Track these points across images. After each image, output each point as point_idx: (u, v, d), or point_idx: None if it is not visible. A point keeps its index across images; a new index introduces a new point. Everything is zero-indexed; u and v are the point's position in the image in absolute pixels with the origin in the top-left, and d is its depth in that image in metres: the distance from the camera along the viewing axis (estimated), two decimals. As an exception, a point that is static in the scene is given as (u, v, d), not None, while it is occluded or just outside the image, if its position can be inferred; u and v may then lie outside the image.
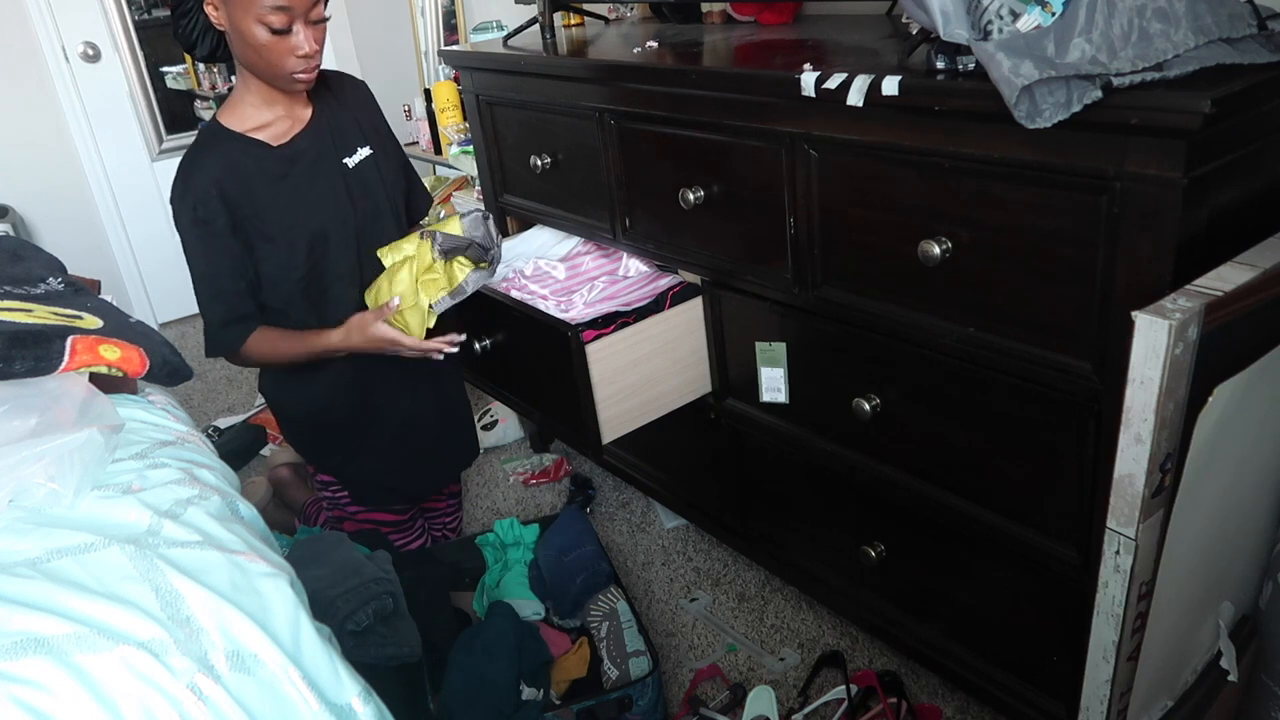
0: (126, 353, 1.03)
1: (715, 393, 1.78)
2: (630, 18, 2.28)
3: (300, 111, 1.65)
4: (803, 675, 1.73)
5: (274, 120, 1.62)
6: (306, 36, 1.49)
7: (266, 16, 1.45)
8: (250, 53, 1.51)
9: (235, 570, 0.86)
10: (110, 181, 3.54)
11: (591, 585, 1.84)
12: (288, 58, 1.50)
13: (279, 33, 1.47)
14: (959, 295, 1.25)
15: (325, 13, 1.52)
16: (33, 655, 0.71)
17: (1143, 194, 1.01)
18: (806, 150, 1.37)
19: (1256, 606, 1.24)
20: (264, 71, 1.55)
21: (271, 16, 1.45)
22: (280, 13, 1.45)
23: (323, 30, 1.53)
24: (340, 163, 1.67)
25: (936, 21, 1.10)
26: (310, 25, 1.50)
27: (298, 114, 1.65)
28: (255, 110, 1.61)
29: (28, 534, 0.83)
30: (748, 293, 1.60)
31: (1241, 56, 1.03)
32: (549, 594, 1.87)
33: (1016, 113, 1.01)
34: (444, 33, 3.29)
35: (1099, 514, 1.08)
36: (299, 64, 1.52)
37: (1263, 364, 1.02)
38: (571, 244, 2.04)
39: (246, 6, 1.45)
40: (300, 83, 1.55)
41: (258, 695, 0.79)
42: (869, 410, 1.43)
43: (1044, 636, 1.36)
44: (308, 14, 1.48)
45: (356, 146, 1.69)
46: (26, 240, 1.47)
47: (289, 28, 1.47)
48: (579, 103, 1.78)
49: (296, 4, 1.46)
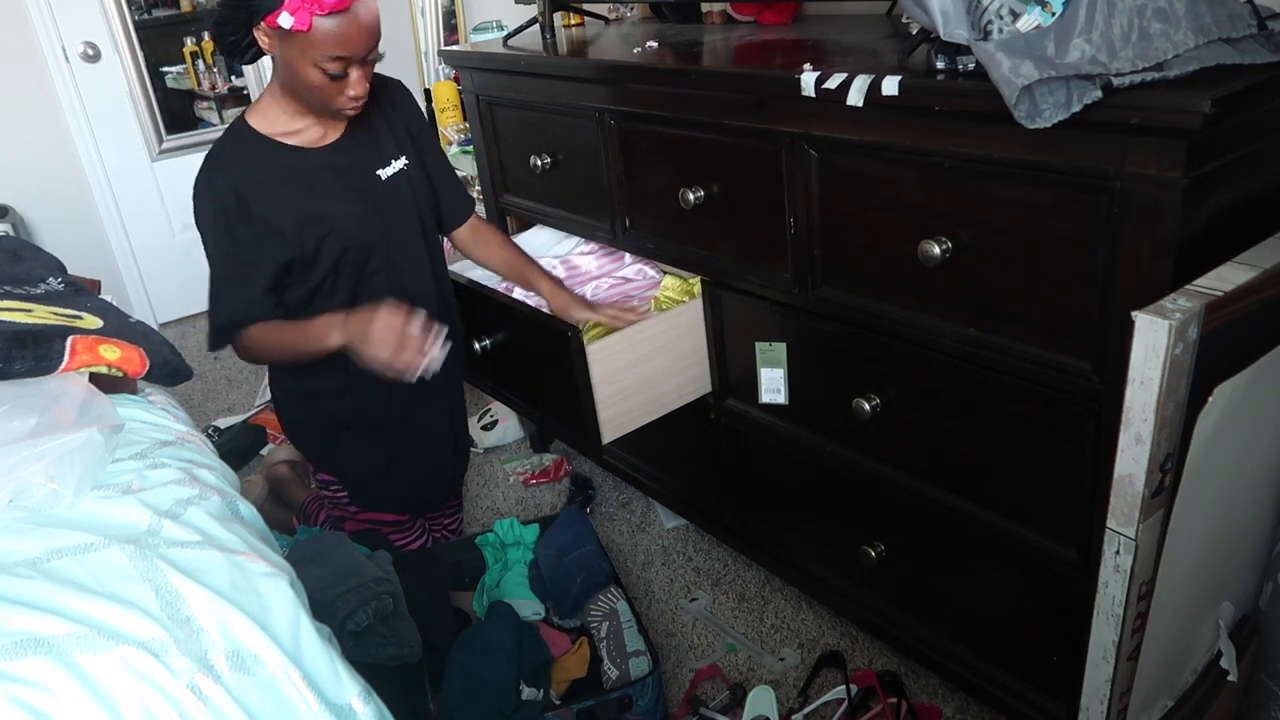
0: (126, 353, 1.03)
1: (715, 393, 1.78)
2: (630, 18, 2.28)
3: (334, 124, 1.63)
4: (803, 675, 1.73)
5: (306, 127, 1.60)
6: (359, 78, 1.48)
7: (324, 64, 1.43)
8: (302, 90, 1.50)
9: (235, 570, 0.86)
10: (110, 181, 3.54)
11: (591, 585, 1.84)
12: (338, 98, 1.49)
13: (335, 78, 1.46)
14: (959, 295, 1.25)
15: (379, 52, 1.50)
16: (33, 655, 0.71)
17: (1143, 194, 1.01)
18: (806, 150, 1.37)
19: (1256, 606, 1.24)
20: (310, 104, 1.53)
21: (329, 65, 1.44)
22: (338, 61, 1.44)
23: (372, 72, 1.51)
24: (373, 174, 1.64)
25: (936, 21, 1.10)
26: (365, 66, 1.49)
27: (332, 122, 1.63)
28: (286, 116, 1.59)
29: (28, 534, 0.83)
30: (748, 293, 1.60)
31: (1241, 56, 1.03)
32: (549, 594, 1.87)
33: (1016, 113, 1.01)
34: (444, 33, 3.29)
35: (1099, 514, 1.08)
36: (348, 103, 1.51)
37: (1263, 364, 1.02)
38: (571, 244, 2.04)
39: (304, 50, 1.43)
40: (346, 117, 1.55)
41: (258, 695, 0.79)
42: (869, 410, 1.43)
43: (1044, 636, 1.36)
44: (364, 60, 1.47)
45: (391, 158, 1.67)
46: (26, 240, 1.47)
47: (345, 73, 1.46)
48: (579, 103, 1.78)
49: (355, 52, 1.44)
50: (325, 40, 1.41)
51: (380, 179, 1.65)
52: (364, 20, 1.43)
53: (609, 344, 1.61)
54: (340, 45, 1.42)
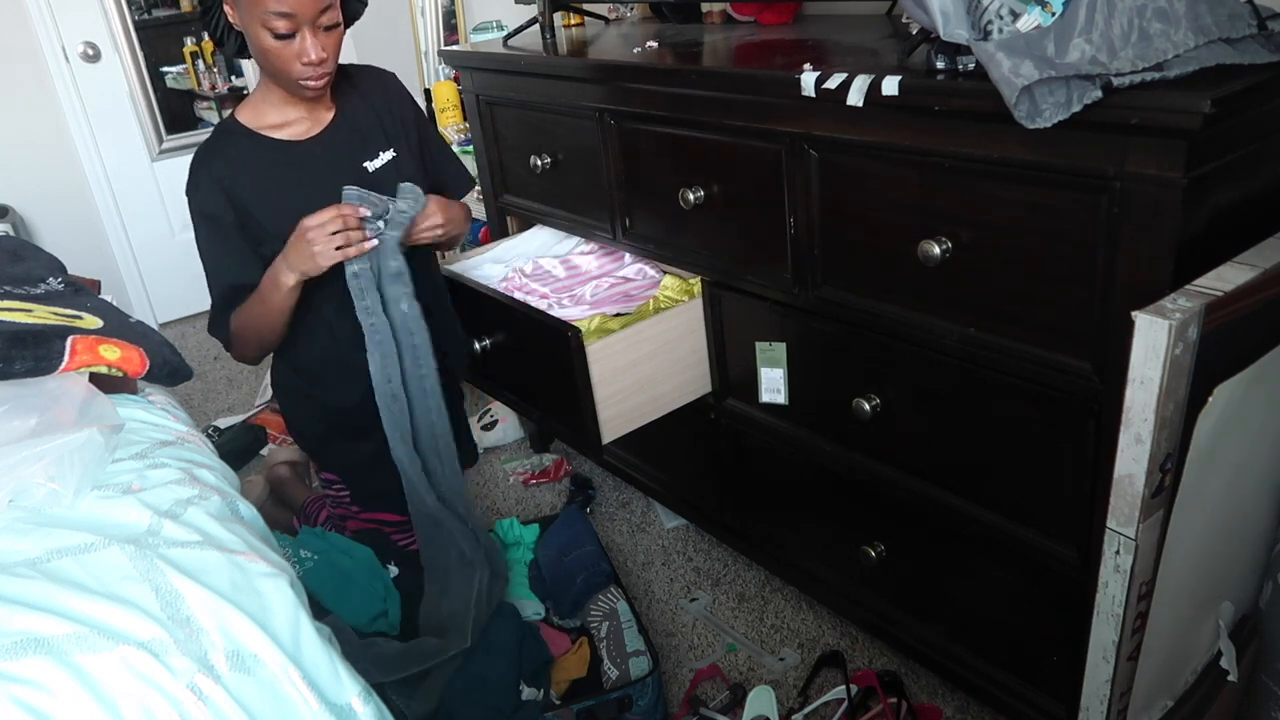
0: (126, 353, 1.03)
1: (715, 393, 1.78)
2: (630, 18, 2.28)
3: (322, 113, 1.63)
4: (803, 675, 1.73)
5: (294, 120, 1.61)
6: (313, 43, 1.46)
7: (271, 22, 1.43)
8: (260, 58, 1.51)
9: (235, 570, 0.86)
10: (110, 181, 3.54)
11: (591, 585, 1.84)
12: (293, 63, 1.48)
13: (283, 38, 1.45)
14: (959, 295, 1.25)
15: (336, 19, 1.48)
16: (33, 655, 0.71)
17: (1143, 194, 1.01)
18: (806, 150, 1.37)
19: (1256, 606, 1.24)
20: (274, 75, 1.54)
21: (276, 22, 1.43)
22: (283, 18, 1.43)
23: (335, 37, 1.50)
24: (360, 166, 1.64)
25: (936, 21, 1.10)
26: (319, 32, 1.47)
27: (319, 115, 1.63)
28: (274, 109, 1.60)
29: (28, 534, 0.83)
30: (748, 292, 1.60)
31: (1241, 56, 1.03)
32: (549, 594, 1.87)
33: (1016, 113, 1.01)
34: (444, 33, 3.29)
35: (1099, 514, 1.08)
36: (305, 70, 1.49)
37: (1263, 364, 1.02)
38: (572, 244, 2.04)
39: (251, 10, 1.44)
40: (309, 90, 1.53)
41: (258, 695, 0.79)
42: (869, 410, 1.43)
43: (1044, 636, 1.36)
44: (315, 20, 1.45)
45: (379, 150, 1.66)
46: (26, 240, 1.47)
47: (293, 34, 1.45)
48: (579, 103, 1.78)
49: (301, 11, 1.43)
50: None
51: (367, 171, 1.64)
52: None
53: (609, 344, 1.61)
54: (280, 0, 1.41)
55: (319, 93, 1.55)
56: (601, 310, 1.75)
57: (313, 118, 1.62)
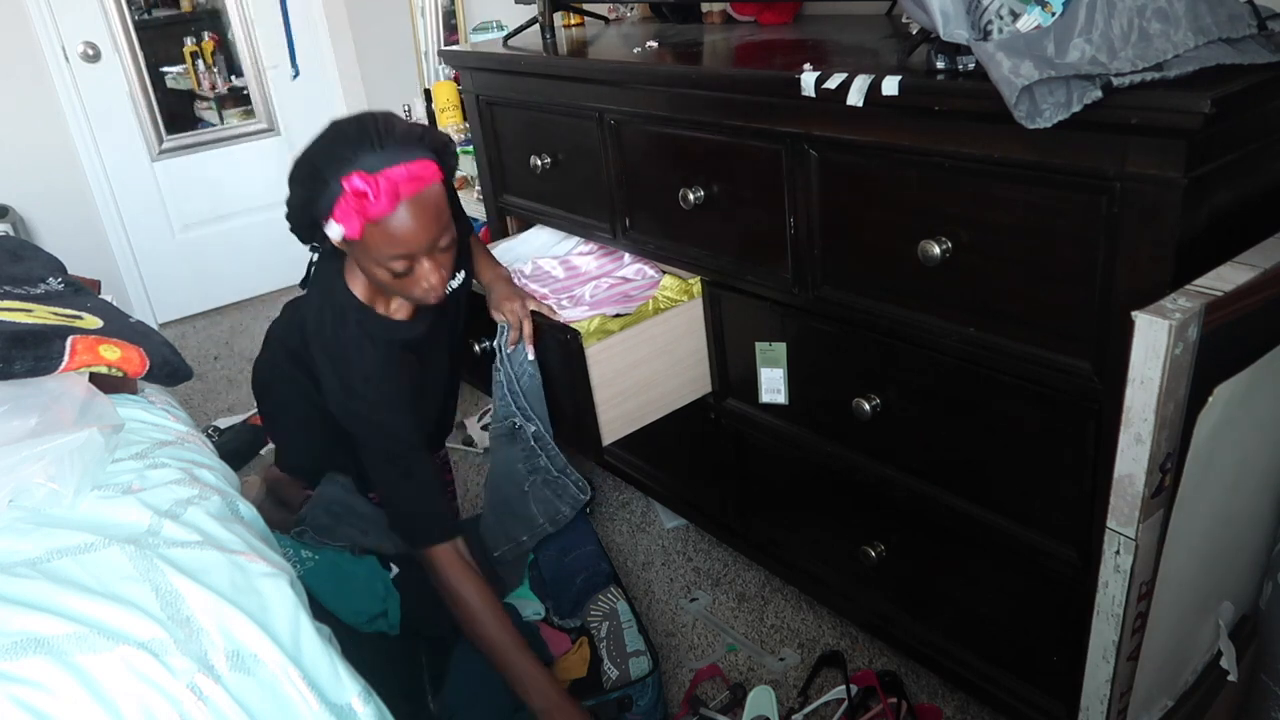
0: (126, 353, 1.03)
1: (715, 393, 1.78)
2: (630, 18, 2.28)
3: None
4: (803, 675, 1.73)
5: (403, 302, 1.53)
6: (431, 268, 1.39)
7: (389, 265, 1.36)
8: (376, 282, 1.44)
9: (235, 570, 0.86)
10: (110, 181, 3.54)
11: (591, 585, 1.84)
12: (414, 290, 1.41)
13: (403, 275, 1.39)
14: (959, 295, 1.25)
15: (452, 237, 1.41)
16: (33, 655, 0.71)
17: (1143, 194, 1.01)
18: (806, 150, 1.37)
19: (1256, 606, 1.24)
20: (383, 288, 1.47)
21: (395, 264, 1.36)
22: (402, 259, 1.36)
23: (450, 256, 1.42)
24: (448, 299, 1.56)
25: (936, 21, 1.10)
26: (437, 253, 1.39)
27: None
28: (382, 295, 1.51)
29: (28, 534, 0.83)
30: (748, 293, 1.60)
31: (1241, 56, 1.03)
32: (549, 594, 1.87)
33: (1016, 113, 1.01)
34: (444, 33, 3.29)
35: (1099, 514, 1.08)
36: (427, 294, 1.41)
37: (1263, 364, 1.02)
38: (571, 244, 2.04)
39: (367, 253, 1.36)
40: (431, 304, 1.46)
41: (258, 695, 0.79)
42: (869, 410, 1.43)
43: (1044, 636, 1.36)
44: (431, 250, 1.38)
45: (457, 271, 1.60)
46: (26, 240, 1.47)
47: (411, 269, 1.38)
48: (579, 103, 1.78)
49: (417, 247, 1.35)
50: (382, 243, 1.33)
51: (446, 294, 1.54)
52: (419, 215, 1.33)
53: (609, 346, 1.61)
54: (399, 245, 1.34)
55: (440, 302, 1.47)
56: (601, 311, 1.75)
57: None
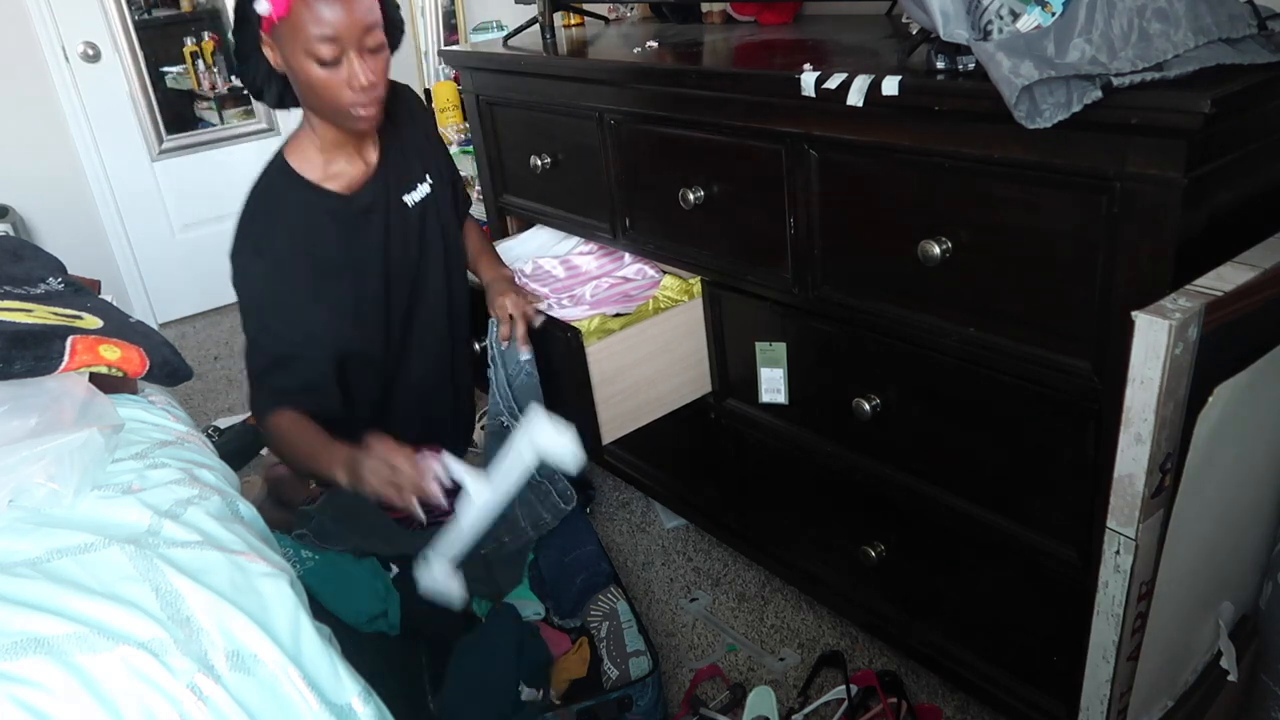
0: (126, 353, 1.03)
1: (715, 393, 1.78)
2: (630, 18, 2.28)
3: (369, 154, 1.57)
4: (803, 675, 1.73)
5: (344, 167, 1.54)
6: (361, 67, 1.39)
7: (315, 48, 1.36)
8: (309, 93, 1.43)
9: (235, 570, 0.86)
10: (110, 181, 3.54)
11: (591, 585, 1.84)
12: (343, 91, 1.40)
13: (330, 65, 1.38)
14: (959, 295, 1.25)
15: (381, 40, 1.41)
16: (33, 655, 0.71)
17: (1143, 194, 1.01)
18: (806, 150, 1.37)
19: (1256, 606, 1.24)
20: (325, 111, 1.46)
21: (321, 48, 1.36)
22: (328, 43, 1.36)
23: (381, 61, 1.42)
24: (401, 201, 1.59)
25: (936, 21, 1.10)
26: (366, 55, 1.39)
27: (367, 157, 1.57)
28: (324, 156, 1.52)
29: (28, 534, 0.83)
30: (748, 293, 1.60)
31: (1241, 56, 1.03)
32: (549, 594, 1.87)
33: (1016, 113, 1.01)
34: (444, 33, 3.29)
35: (1099, 514, 1.08)
36: (355, 97, 1.41)
37: (1263, 364, 1.02)
38: (572, 244, 2.04)
39: (294, 39, 1.37)
40: (361, 119, 1.44)
41: (258, 695, 0.79)
42: (869, 410, 1.43)
43: (1044, 636, 1.36)
44: (360, 42, 1.38)
45: (417, 182, 1.61)
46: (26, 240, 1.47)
47: (339, 59, 1.38)
48: (579, 103, 1.78)
49: (345, 32, 1.36)
50: (309, 21, 1.34)
51: (407, 206, 1.60)
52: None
53: (609, 345, 1.61)
54: (325, 24, 1.34)
55: (371, 123, 1.47)
56: (601, 310, 1.75)
57: (363, 159, 1.56)
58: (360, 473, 1.35)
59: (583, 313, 1.74)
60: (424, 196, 1.63)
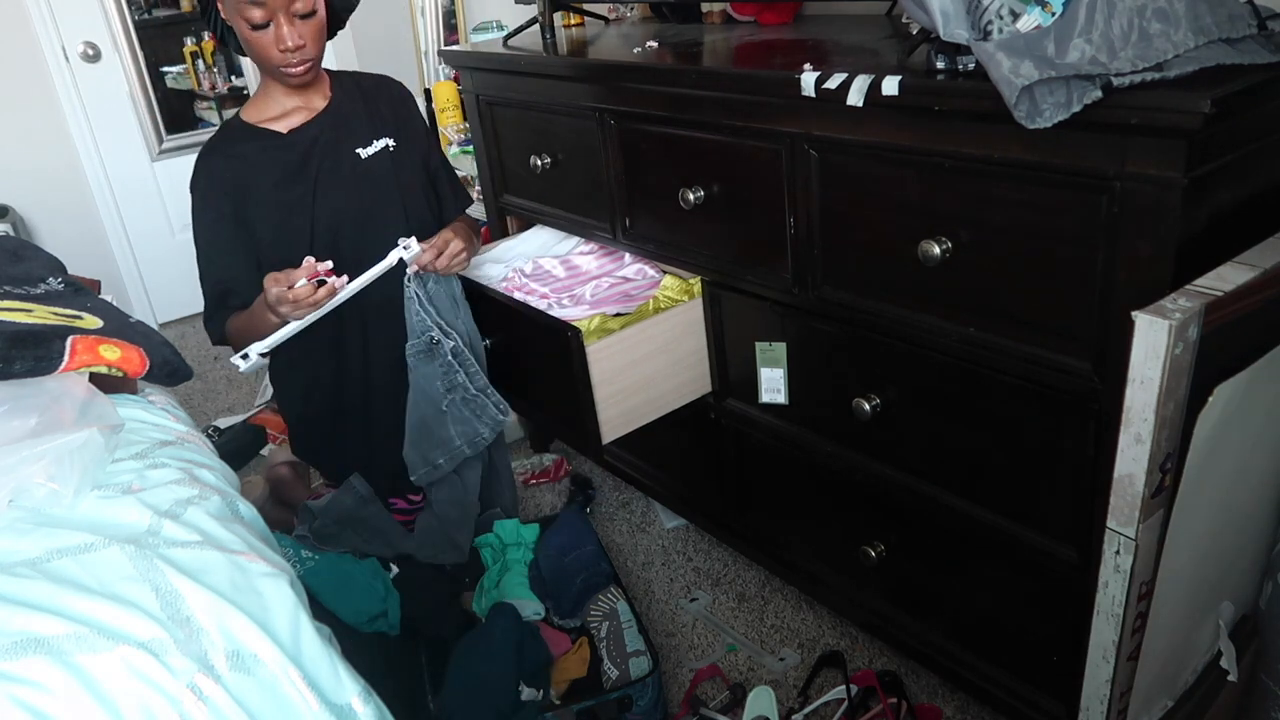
0: (126, 353, 1.03)
1: (715, 393, 1.78)
2: (630, 18, 2.28)
3: (317, 103, 1.69)
4: (803, 675, 1.73)
5: (291, 110, 1.67)
6: (289, 30, 1.52)
7: (246, 11, 1.49)
8: (246, 48, 1.57)
9: (235, 570, 0.86)
10: (110, 181, 3.54)
11: (591, 585, 1.84)
12: (271, 51, 1.53)
13: (260, 27, 1.51)
14: (959, 295, 1.25)
15: (311, 7, 1.53)
16: (33, 655, 0.71)
17: (1143, 194, 1.01)
18: (806, 150, 1.37)
19: (1256, 606, 1.24)
20: (261, 65, 1.60)
21: (251, 11, 1.49)
22: (256, 7, 1.48)
23: (312, 26, 1.55)
24: (352, 152, 1.69)
25: (936, 21, 1.10)
26: (295, 20, 1.52)
27: (314, 104, 1.69)
28: (273, 102, 1.66)
29: (28, 534, 0.83)
30: (748, 292, 1.60)
31: (1241, 56, 1.03)
32: (549, 594, 1.87)
33: (1016, 113, 1.01)
34: (444, 33, 3.29)
35: (1099, 514, 1.08)
36: (284, 58, 1.54)
37: (1263, 364, 1.02)
38: (572, 244, 2.04)
39: (229, 3, 1.51)
40: (291, 77, 1.58)
41: (258, 695, 0.79)
42: (869, 410, 1.43)
43: (1044, 636, 1.36)
44: (288, 8, 1.50)
45: (373, 138, 1.71)
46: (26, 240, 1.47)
47: (267, 23, 1.51)
48: (579, 103, 1.78)
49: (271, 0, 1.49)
50: None
51: (359, 157, 1.69)
52: None
53: (609, 344, 1.61)
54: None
55: (302, 79, 1.60)
56: (601, 310, 1.75)
57: (309, 107, 1.68)
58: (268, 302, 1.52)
59: (583, 312, 1.74)
60: (379, 150, 1.71)
